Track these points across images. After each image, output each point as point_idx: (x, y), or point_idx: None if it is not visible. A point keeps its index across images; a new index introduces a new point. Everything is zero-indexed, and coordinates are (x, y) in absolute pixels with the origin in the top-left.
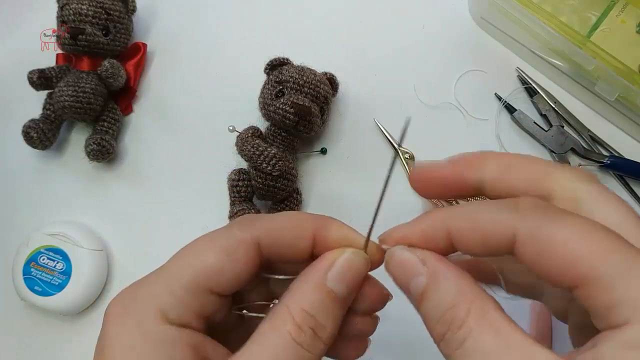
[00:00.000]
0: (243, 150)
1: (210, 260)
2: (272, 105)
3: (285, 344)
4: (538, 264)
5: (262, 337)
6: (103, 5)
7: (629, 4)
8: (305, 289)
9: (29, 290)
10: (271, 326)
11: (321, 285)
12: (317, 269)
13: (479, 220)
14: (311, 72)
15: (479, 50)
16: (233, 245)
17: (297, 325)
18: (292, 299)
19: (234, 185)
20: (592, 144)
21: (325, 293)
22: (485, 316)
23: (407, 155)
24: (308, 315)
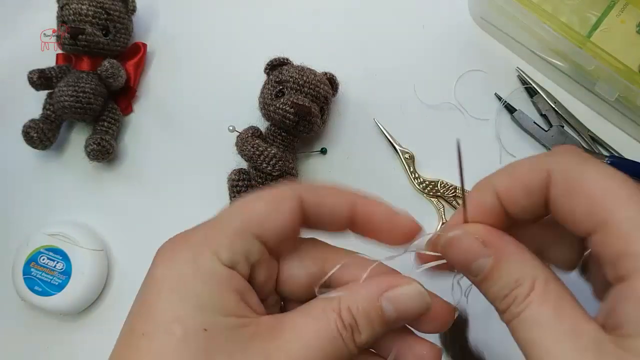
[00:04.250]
0: (243, 150)
1: (258, 208)
2: (272, 105)
3: (328, 327)
4: (566, 205)
5: (308, 312)
6: (103, 5)
7: (629, 4)
8: (358, 294)
9: (29, 290)
10: (319, 307)
11: (374, 299)
12: (377, 282)
13: (518, 170)
14: (311, 72)
15: (479, 50)
16: (279, 198)
17: (341, 318)
18: (344, 297)
19: (234, 185)
20: (592, 144)
21: (375, 308)
22: (546, 289)
23: (407, 155)
24: (351, 316)
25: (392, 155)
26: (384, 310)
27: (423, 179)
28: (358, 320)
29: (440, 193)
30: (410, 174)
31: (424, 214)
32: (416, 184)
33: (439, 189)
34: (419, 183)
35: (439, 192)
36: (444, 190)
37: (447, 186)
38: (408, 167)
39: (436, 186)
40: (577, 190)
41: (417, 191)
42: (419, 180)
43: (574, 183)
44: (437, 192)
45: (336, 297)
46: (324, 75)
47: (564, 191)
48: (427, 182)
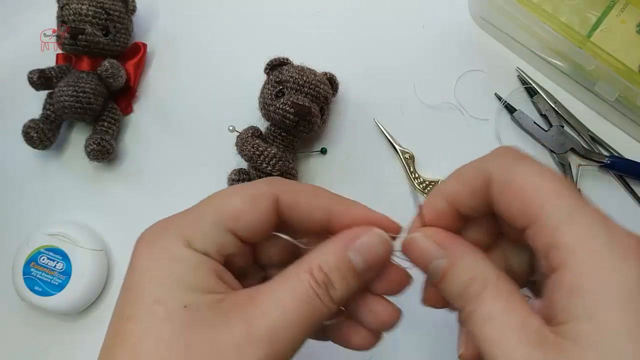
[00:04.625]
0: (243, 150)
1: (234, 202)
2: (272, 105)
3: (303, 288)
4: (503, 203)
5: (283, 278)
6: (103, 5)
7: (629, 4)
8: (326, 251)
9: (29, 290)
10: (292, 272)
11: (341, 252)
12: (341, 237)
13: (464, 175)
14: (311, 72)
15: (479, 50)
16: (256, 195)
17: (314, 277)
18: (314, 257)
19: (233, 185)
20: (592, 144)
21: (343, 261)
22: (497, 287)
23: (407, 155)
24: (323, 273)
25: (392, 155)
26: (353, 261)
27: (423, 179)
28: (330, 276)
29: None
30: (410, 174)
31: None
32: (416, 184)
33: None
34: (419, 183)
35: None
36: None
37: None
38: (408, 167)
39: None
40: (511, 188)
41: (417, 191)
42: (419, 180)
43: (508, 182)
44: None
45: (306, 258)
46: (324, 75)
47: (500, 191)
48: (427, 182)
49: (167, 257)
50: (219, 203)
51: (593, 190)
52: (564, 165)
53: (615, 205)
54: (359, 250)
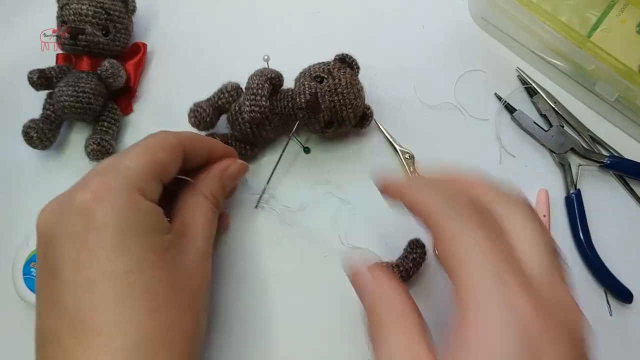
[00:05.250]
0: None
1: (163, 157)
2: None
3: (209, 210)
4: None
5: (196, 209)
6: (103, 5)
7: (629, 4)
8: (212, 183)
9: (29, 290)
10: (199, 201)
11: (220, 182)
12: (218, 170)
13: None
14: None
15: (479, 50)
16: (175, 147)
17: (210, 201)
18: (205, 188)
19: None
20: (592, 144)
21: (222, 185)
22: (405, 335)
23: (407, 155)
24: (213, 196)
25: (392, 155)
26: (227, 184)
27: None
28: (217, 197)
29: None
30: (410, 174)
31: None
32: None
33: None
34: None
35: None
36: None
37: None
38: (408, 167)
39: None
40: (452, 253)
41: None
42: None
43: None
44: None
45: (200, 192)
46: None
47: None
48: None
49: (132, 209)
50: (151, 158)
51: (593, 190)
52: (564, 165)
53: (615, 205)
54: (230, 177)
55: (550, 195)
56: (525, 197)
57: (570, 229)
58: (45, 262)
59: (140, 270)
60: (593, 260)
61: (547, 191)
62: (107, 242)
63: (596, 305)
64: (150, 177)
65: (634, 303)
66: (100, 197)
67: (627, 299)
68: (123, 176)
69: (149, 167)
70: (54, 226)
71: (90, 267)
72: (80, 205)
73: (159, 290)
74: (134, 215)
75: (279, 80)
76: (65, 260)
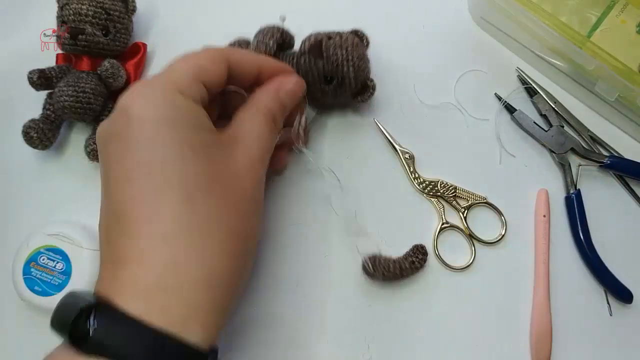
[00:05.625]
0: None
1: (204, 63)
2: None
3: (266, 126)
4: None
5: (248, 120)
6: (103, 5)
7: (629, 4)
8: (267, 97)
9: (29, 290)
10: (252, 115)
11: (275, 95)
12: (274, 86)
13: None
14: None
15: (479, 50)
16: (217, 57)
17: (266, 116)
18: (260, 102)
19: None
20: (592, 144)
21: (280, 102)
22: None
23: (407, 155)
24: (271, 113)
25: (392, 155)
26: (285, 101)
27: (423, 179)
28: (274, 112)
29: (440, 193)
30: (410, 174)
31: (423, 214)
32: (416, 184)
33: (439, 189)
34: (419, 183)
35: (438, 192)
36: (444, 190)
37: (447, 186)
38: (408, 167)
39: (436, 186)
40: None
41: (417, 191)
42: (419, 181)
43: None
44: (437, 192)
45: (254, 103)
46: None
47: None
48: (427, 182)
49: (168, 104)
50: (193, 63)
51: (593, 190)
52: (564, 165)
53: (615, 205)
54: (288, 94)
55: (550, 195)
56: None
57: (570, 229)
58: (102, 166)
59: (174, 161)
60: (593, 260)
61: (547, 191)
62: (142, 135)
63: (596, 305)
64: (190, 78)
65: (634, 303)
66: (138, 95)
67: (627, 299)
68: (162, 77)
69: (189, 69)
70: (103, 129)
71: (128, 160)
72: (121, 104)
73: (197, 181)
74: (171, 110)
75: (289, 36)
76: (110, 158)
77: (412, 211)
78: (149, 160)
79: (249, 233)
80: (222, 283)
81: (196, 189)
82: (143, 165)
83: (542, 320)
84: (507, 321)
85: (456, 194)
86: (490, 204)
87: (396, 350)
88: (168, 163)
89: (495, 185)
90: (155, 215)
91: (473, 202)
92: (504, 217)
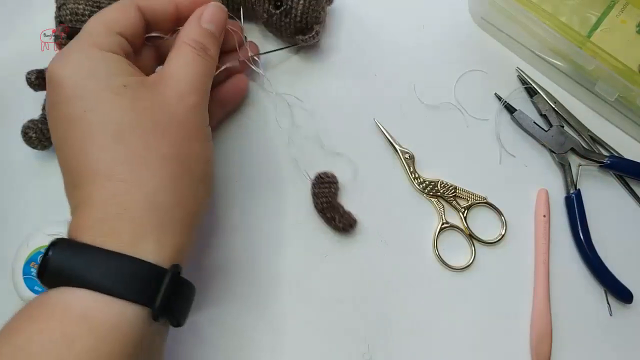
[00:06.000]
0: None
1: (113, 15)
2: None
3: (193, 56)
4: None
5: (174, 57)
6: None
7: (629, 4)
8: (189, 29)
9: (29, 290)
10: (180, 50)
11: (199, 26)
12: (193, 17)
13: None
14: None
15: (479, 50)
16: (125, 4)
17: (193, 47)
18: (184, 37)
19: None
20: (592, 144)
21: (204, 30)
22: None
23: (407, 155)
24: (198, 42)
25: (392, 155)
26: (208, 28)
27: (423, 179)
28: (203, 42)
29: (440, 193)
30: (410, 174)
31: (423, 214)
32: (416, 184)
33: (439, 189)
34: (419, 183)
35: (438, 192)
36: (444, 190)
37: (447, 186)
38: (408, 167)
39: (436, 186)
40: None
41: (417, 191)
42: (419, 181)
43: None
44: (437, 192)
45: (178, 39)
46: None
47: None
48: (427, 182)
49: (92, 59)
50: (103, 18)
51: (593, 190)
52: (564, 165)
53: (615, 205)
54: (208, 20)
55: (550, 195)
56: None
57: (570, 229)
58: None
59: (96, 108)
60: (593, 260)
61: (547, 191)
62: (64, 94)
63: (596, 305)
64: (102, 32)
65: (634, 303)
66: (57, 60)
67: (627, 299)
68: (78, 38)
69: (99, 24)
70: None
71: (61, 121)
72: (47, 73)
73: (122, 120)
74: (87, 63)
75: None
76: (51, 125)
77: (412, 211)
78: (75, 114)
79: (189, 155)
80: (166, 202)
81: (124, 127)
82: (72, 121)
83: (542, 320)
84: (507, 321)
85: (456, 194)
86: (490, 204)
87: (396, 350)
88: (91, 112)
89: (495, 185)
90: (93, 161)
91: (473, 202)
92: (504, 217)
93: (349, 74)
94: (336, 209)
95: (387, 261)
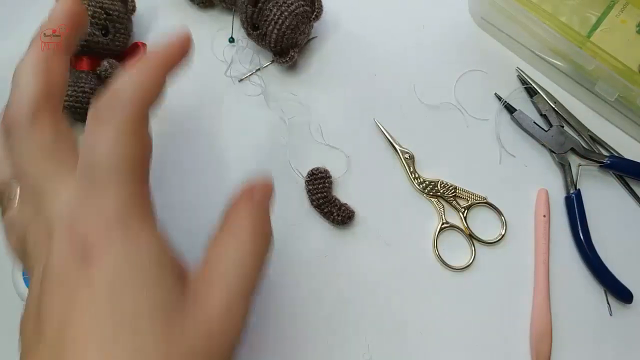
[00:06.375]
0: None
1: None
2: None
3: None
4: None
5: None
6: (102, 5)
7: (629, 4)
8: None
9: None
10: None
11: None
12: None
13: None
14: None
15: (479, 50)
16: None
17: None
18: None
19: None
20: (592, 144)
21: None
22: None
23: (407, 155)
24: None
25: (392, 155)
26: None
27: (423, 179)
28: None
29: (440, 193)
30: (410, 174)
31: (423, 214)
32: (416, 184)
33: (439, 189)
34: (419, 183)
35: (438, 192)
36: (444, 190)
37: (447, 186)
38: (408, 167)
39: (436, 186)
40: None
41: (417, 191)
42: (419, 181)
43: None
44: (437, 192)
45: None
46: None
47: None
48: (427, 182)
49: None
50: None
51: (593, 190)
52: (564, 165)
53: (615, 205)
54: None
55: (550, 195)
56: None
57: (570, 229)
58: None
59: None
60: (593, 260)
61: (547, 191)
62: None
63: (596, 305)
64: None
65: (634, 303)
66: None
67: (627, 299)
68: None
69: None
70: None
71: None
72: None
73: None
74: None
75: None
76: None
77: (412, 211)
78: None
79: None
80: None
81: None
82: None
83: (542, 320)
84: (507, 321)
85: (456, 194)
86: (490, 204)
87: (396, 350)
88: None
89: (495, 185)
90: None
91: (473, 202)
92: (504, 217)
93: (349, 74)
94: (333, 203)
95: (387, 261)
